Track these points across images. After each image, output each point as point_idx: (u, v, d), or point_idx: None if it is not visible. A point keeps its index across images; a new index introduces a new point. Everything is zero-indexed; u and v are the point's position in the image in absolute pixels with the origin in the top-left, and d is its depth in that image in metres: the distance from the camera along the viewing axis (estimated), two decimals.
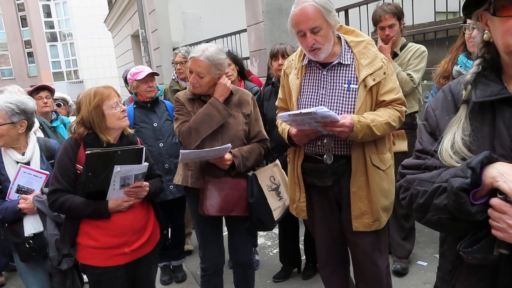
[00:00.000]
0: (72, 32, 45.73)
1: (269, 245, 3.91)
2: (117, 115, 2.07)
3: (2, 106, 2.24)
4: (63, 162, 2.05)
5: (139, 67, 3.22)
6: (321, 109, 1.78)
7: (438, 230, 1.08)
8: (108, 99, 2.06)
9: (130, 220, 2.10)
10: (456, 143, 0.99)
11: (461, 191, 0.89)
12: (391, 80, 2.03)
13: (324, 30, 1.94)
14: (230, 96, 2.39)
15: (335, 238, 2.21)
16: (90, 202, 2.02)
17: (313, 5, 1.91)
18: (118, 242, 2.07)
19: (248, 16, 5.40)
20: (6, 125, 2.25)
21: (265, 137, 2.50)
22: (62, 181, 2.03)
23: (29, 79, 48.11)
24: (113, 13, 14.10)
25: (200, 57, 2.26)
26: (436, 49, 3.82)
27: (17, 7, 50.55)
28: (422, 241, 3.47)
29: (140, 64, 8.92)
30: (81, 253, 2.09)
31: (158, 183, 2.30)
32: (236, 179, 2.34)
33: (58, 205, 2.02)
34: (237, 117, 2.38)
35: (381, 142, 2.05)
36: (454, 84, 1.11)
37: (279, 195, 2.47)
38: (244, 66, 3.48)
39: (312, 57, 2.04)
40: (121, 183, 2.03)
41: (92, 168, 1.96)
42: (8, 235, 2.33)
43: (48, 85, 3.61)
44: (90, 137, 2.06)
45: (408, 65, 2.94)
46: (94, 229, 2.06)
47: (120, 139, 2.16)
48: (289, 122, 2.02)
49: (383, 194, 2.05)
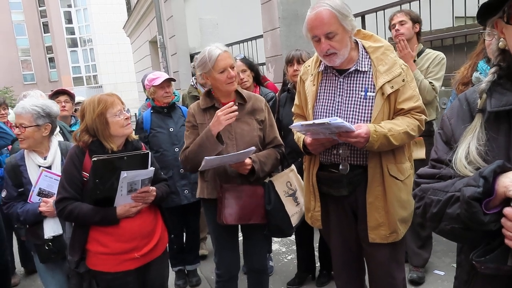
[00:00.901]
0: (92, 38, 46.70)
1: (283, 251, 3.90)
2: (121, 123, 2.08)
3: (28, 108, 2.31)
4: (69, 170, 2.07)
5: (156, 73, 3.27)
6: (334, 119, 1.73)
7: (451, 239, 1.07)
8: (111, 106, 2.06)
9: (139, 225, 2.11)
10: (470, 153, 0.98)
11: (473, 200, 0.88)
12: (411, 88, 1.96)
13: (339, 36, 1.89)
14: (244, 103, 2.38)
15: (350, 248, 2.17)
16: (98, 209, 2.03)
17: (328, 9, 1.86)
18: (127, 247, 2.08)
19: (265, 22, 5.43)
20: (31, 128, 2.31)
21: (281, 142, 2.49)
22: (69, 189, 2.05)
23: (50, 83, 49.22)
24: (132, 19, 14.35)
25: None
26: (454, 55, 3.77)
27: (39, 14, 51.94)
28: (440, 250, 3.41)
29: (158, 69, 9.06)
30: (91, 259, 2.10)
31: (165, 187, 2.31)
32: (253, 187, 2.33)
33: (66, 214, 2.04)
34: (251, 123, 2.37)
35: (400, 151, 1.99)
36: (470, 92, 1.10)
37: (296, 200, 2.45)
38: (259, 72, 3.50)
39: (327, 62, 1.99)
40: (128, 188, 2.04)
41: (99, 175, 1.97)
42: (29, 236, 2.40)
43: (67, 90, 3.69)
44: (95, 144, 2.07)
45: (427, 72, 2.88)
46: (103, 236, 2.07)
47: (125, 146, 2.17)
48: (303, 132, 1.99)
49: (401, 205, 1.99)
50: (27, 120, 2.31)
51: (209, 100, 2.37)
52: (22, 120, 2.31)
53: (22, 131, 2.30)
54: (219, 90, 2.34)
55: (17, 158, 2.39)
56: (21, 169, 2.35)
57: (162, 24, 9.62)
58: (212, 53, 2.24)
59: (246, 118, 2.36)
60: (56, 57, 51.16)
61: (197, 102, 2.46)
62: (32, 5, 51.58)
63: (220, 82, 2.28)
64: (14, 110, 2.38)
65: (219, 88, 2.33)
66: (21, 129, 2.30)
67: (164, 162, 3.05)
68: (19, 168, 2.36)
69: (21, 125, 2.30)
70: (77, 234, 2.11)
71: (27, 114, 2.31)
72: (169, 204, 3.11)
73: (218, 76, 2.26)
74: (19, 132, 2.31)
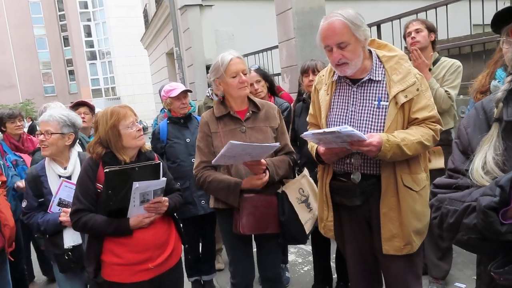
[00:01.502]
0: (111, 50, 47.71)
1: (300, 262, 3.86)
2: (133, 135, 2.10)
3: (55, 116, 2.39)
4: (83, 182, 2.10)
5: (172, 85, 3.32)
6: (345, 128, 1.73)
7: (469, 250, 1.05)
8: (124, 118, 2.09)
9: (152, 236, 2.12)
10: (487, 163, 0.96)
11: (489, 210, 0.87)
12: (425, 97, 1.94)
13: (351, 46, 1.90)
14: (257, 111, 2.40)
15: (366, 259, 2.14)
16: (112, 220, 2.05)
17: (340, 20, 1.87)
18: (141, 258, 2.09)
19: (280, 33, 5.47)
20: (56, 135, 2.37)
21: (292, 150, 2.50)
22: (83, 201, 2.08)
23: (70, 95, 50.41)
24: (149, 32, 14.64)
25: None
26: (472, 62, 3.72)
27: (60, 28, 53.46)
28: (460, 261, 3.33)
29: (174, 80, 9.17)
30: (106, 270, 2.11)
31: (178, 198, 2.32)
32: (268, 197, 2.34)
33: (81, 225, 2.07)
34: (266, 131, 2.38)
35: (415, 161, 1.97)
36: (486, 101, 1.09)
37: (308, 206, 2.45)
38: (274, 83, 3.51)
39: (338, 72, 2.00)
40: (141, 199, 2.05)
41: (112, 186, 1.99)
42: (49, 246, 2.43)
43: (86, 101, 3.77)
44: (108, 156, 2.10)
45: (443, 81, 2.85)
46: (117, 246, 2.09)
47: (138, 157, 2.19)
48: (315, 141, 1.99)
49: (416, 217, 1.96)
50: (53, 127, 2.37)
51: (223, 108, 2.38)
52: (48, 127, 2.37)
53: (47, 138, 2.36)
54: (232, 96, 2.36)
55: (37, 169, 2.44)
56: (41, 179, 2.40)
57: (179, 36, 9.79)
58: (224, 58, 2.29)
59: (261, 126, 2.37)
60: (75, 70, 52.44)
61: (210, 110, 2.47)
62: (54, 19, 53.16)
63: (232, 87, 2.30)
64: (40, 119, 2.45)
65: (232, 94, 2.34)
66: (46, 135, 2.36)
67: (181, 173, 3.08)
68: (40, 178, 2.40)
69: (47, 131, 2.36)
70: (92, 245, 2.13)
71: (54, 121, 2.38)
72: (186, 214, 3.13)
73: (230, 80, 2.29)
74: (44, 138, 2.36)
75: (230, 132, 2.33)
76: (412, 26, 2.94)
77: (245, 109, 2.40)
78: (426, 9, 4.08)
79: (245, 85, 2.30)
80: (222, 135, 2.32)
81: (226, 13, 9.01)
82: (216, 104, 2.43)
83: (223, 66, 2.27)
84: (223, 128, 2.33)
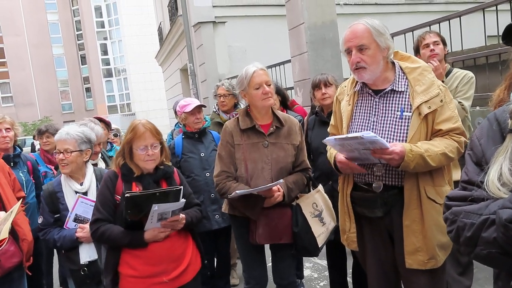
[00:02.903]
0: (126, 68, 48.63)
1: (315, 277, 3.80)
2: (142, 157, 2.14)
3: (73, 134, 2.43)
4: (103, 193, 2.17)
5: (187, 100, 3.36)
6: (368, 133, 1.73)
7: (489, 265, 1.02)
8: (139, 139, 2.13)
9: (167, 249, 2.13)
10: (503, 174, 0.94)
11: (510, 223, 0.85)
12: (449, 108, 1.92)
13: (372, 51, 1.91)
14: (280, 127, 2.43)
15: (387, 272, 2.09)
16: (128, 232, 2.09)
17: (363, 24, 1.92)
18: (156, 271, 2.10)
19: (292, 47, 5.51)
20: (75, 152, 2.41)
21: (308, 166, 2.52)
22: (103, 211, 2.13)
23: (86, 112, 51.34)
24: (163, 49, 14.90)
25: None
26: (488, 74, 3.67)
27: (77, 47, 54.84)
28: (482, 277, 3.23)
29: (188, 96, 9.28)
30: (122, 282, 2.13)
31: (196, 213, 2.32)
32: (283, 209, 2.38)
33: (99, 235, 2.12)
34: (287, 149, 2.41)
35: (438, 173, 1.94)
36: (499, 112, 1.07)
37: (322, 220, 2.47)
38: (286, 96, 3.53)
39: (356, 77, 2.01)
40: (159, 217, 2.07)
41: (130, 208, 2.02)
42: (64, 261, 2.45)
43: (103, 118, 3.84)
44: (125, 167, 2.16)
45: (456, 92, 2.83)
46: (133, 258, 2.11)
47: (155, 169, 2.21)
48: (337, 147, 1.98)
49: (440, 230, 1.90)
50: (71, 145, 2.40)
51: (249, 121, 2.40)
52: (67, 145, 2.40)
53: (67, 156, 2.39)
54: (256, 107, 2.40)
55: (54, 185, 2.47)
56: (58, 195, 2.43)
57: (193, 52, 9.94)
58: (248, 71, 2.36)
59: (283, 143, 2.40)
60: (92, 87, 53.51)
61: (234, 120, 2.49)
62: (71, 39, 54.60)
63: (256, 98, 2.35)
64: (57, 137, 2.46)
65: (256, 105, 2.39)
66: (66, 154, 2.39)
67: (195, 187, 3.08)
68: (56, 194, 2.43)
69: (66, 150, 2.39)
70: (110, 256, 2.16)
71: (72, 139, 2.41)
72: (200, 229, 3.12)
73: (254, 92, 2.34)
74: (63, 157, 2.39)
75: (253, 145, 2.37)
76: (429, 38, 2.91)
77: (269, 123, 2.44)
78: (439, 21, 4.06)
79: (269, 95, 2.35)
80: (245, 148, 2.36)
81: (239, 29, 9.14)
82: (242, 115, 2.45)
83: (247, 79, 2.34)
84: (246, 141, 2.37)
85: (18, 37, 50.61)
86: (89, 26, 51.24)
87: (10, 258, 2.36)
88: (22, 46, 51.13)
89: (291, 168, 2.43)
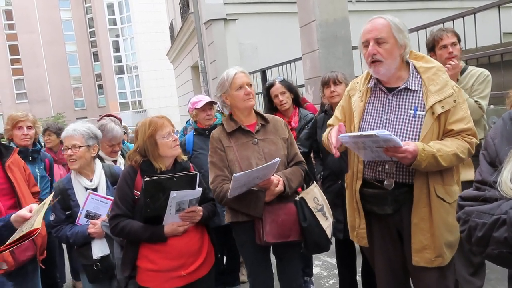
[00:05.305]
0: (138, 65, 49.03)
1: (325, 275, 3.80)
2: (169, 144, 2.19)
3: (80, 130, 2.47)
4: (122, 188, 2.19)
5: (198, 97, 3.38)
6: (383, 132, 1.73)
7: (500, 265, 1.01)
8: (161, 129, 2.18)
9: (186, 243, 2.17)
10: None
11: None
12: (462, 109, 1.93)
13: (389, 45, 1.91)
14: (266, 123, 2.43)
15: (396, 270, 2.10)
16: (148, 226, 2.13)
17: (383, 18, 1.95)
18: (175, 265, 2.14)
19: (303, 45, 5.48)
20: (83, 147, 2.44)
21: (301, 159, 2.51)
22: (122, 207, 2.16)
23: (98, 109, 51.98)
24: (175, 46, 14.96)
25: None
26: (503, 72, 3.61)
27: (90, 44, 55.44)
28: (494, 278, 3.20)
29: (199, 93, 9.32)
30: (141, 276, 2.17)
31: (211, 207, 2.37)
32: (287, 204, 2.34)
33: (119, 230, 2.15)
34: (277, 142, 2.41)
35: (448, 173, 1.94)
36: None
37: (324, 215, 2.44)
38: (298, 94, 3.51)
39: (371, 71, 2.01)
40: (177, 208, 2.11)
41: (150, 194, 2.06)
42: (77, 257, 2.49)
43: (113, 114, 3.88)
44: (146, 164, 2.19)
45: (472, 91, 2.77)
46: (152, 253, 2.15)
47: (174, 166, 2.26)
48: (350, 144, 1.98)
49: (448, 229, 1.92)
50: (79, 140, 2.44)
51: (233, 123, 2.41)
52: (74, 140, 2.44)
53: (75, 152, 2.42)
54: (239, 108, 2.40)
55: (64, 182, 2.50)
56: (68, 192, 2.46)
57: (204, 49, 9.96)
58: (229, 73, 2.38)
59: (272, 137, 2.41)
60: (104, 84, 54.10)
61: (218, 128, 2.49)
62: (84, 36, 55.21)
63: (238, 99, 2.35)
64: (64, 134, 2.49)
65: (239, 107, 2.39)
66: (74, 149, 2.43)
67: (205, 183, 3.09)
68: (67, 191, 2.46)
69: (74, 146, 2.43)
70: (129, 251, 2.19)
71: (79, 135, 2.45)
72: (210, 225, 3.14)
73: (235, 93, 2.35)
74: (71, 153, 2.42)
75: (243, 145, 2.37)
76: (447, 39, 2.80)
77: (254, 122, 2.45)
78: (453, 18, 4.00)
79: (250, 96, 2.36)
80: (236, 149, 2.36)
81: (250, 27, 9.13)
82: (226, 120, 2.46)
83: (228, 80, 2.36)
84: (235, 142, 2.37)
85: (32, 34, 51.38)
86: (101, 23, 51.76)
87: (24, 252, 2.42)
88: (36, 43, 51.89)
89: (285, 162, 2.41)
